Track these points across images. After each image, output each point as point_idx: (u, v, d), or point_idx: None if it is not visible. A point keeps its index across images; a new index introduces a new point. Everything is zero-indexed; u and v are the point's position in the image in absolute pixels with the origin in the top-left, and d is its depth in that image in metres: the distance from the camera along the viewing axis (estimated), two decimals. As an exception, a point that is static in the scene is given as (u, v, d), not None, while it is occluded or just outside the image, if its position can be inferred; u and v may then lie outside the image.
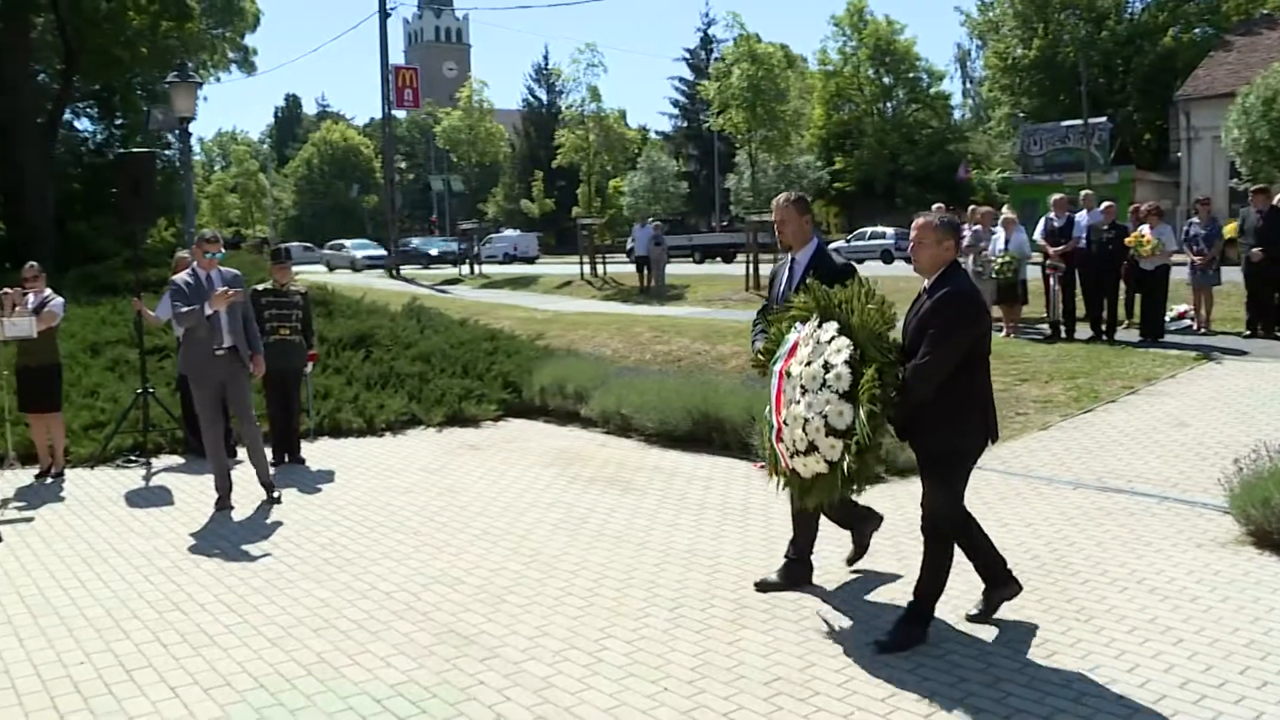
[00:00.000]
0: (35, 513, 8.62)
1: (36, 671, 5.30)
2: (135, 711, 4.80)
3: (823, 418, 5.18)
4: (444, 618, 5.88)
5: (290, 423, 10.27)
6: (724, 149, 54.56)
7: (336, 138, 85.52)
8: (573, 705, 4.72)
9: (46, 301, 9.92)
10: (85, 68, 27.63)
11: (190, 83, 15.64)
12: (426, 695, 4.88)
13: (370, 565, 6.88)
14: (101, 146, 32.00)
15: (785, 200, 6.33)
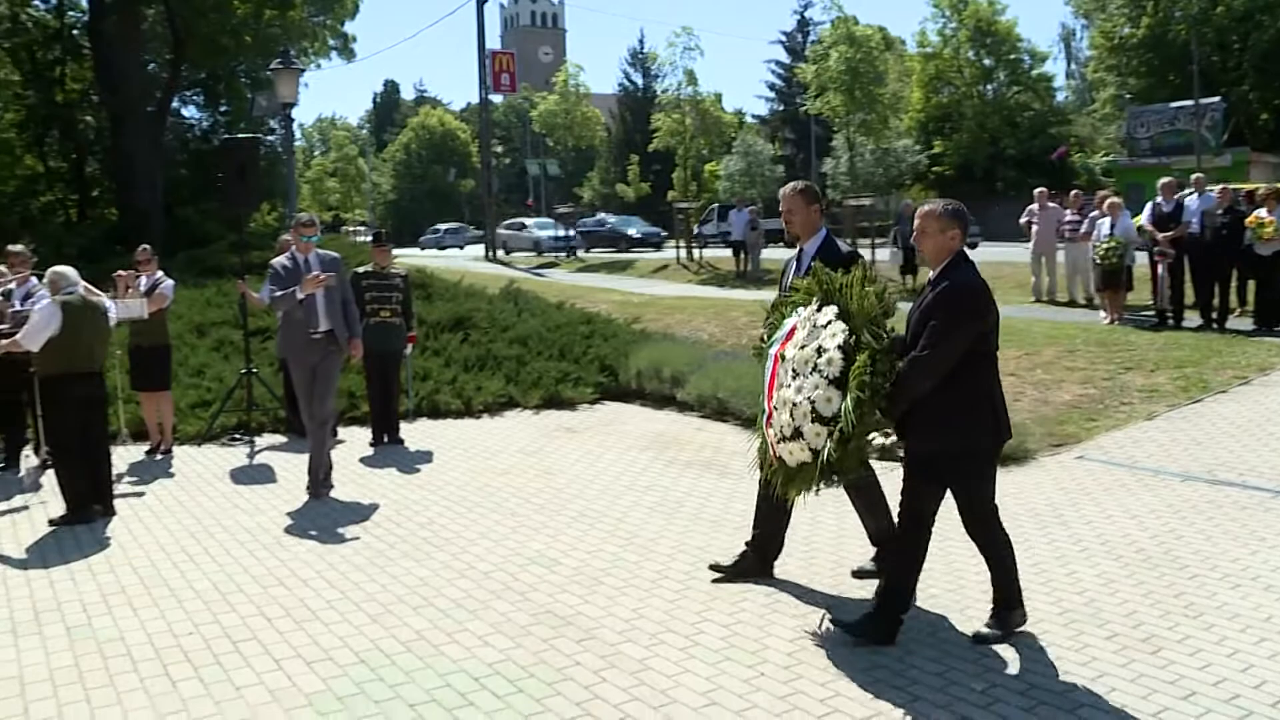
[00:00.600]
0: (146, 488, 8.89)
1: (149, 640, 5.49)
2: (241, 682, 4.93)
3: (810, 403, 5.04)
4: (541, 598, 5.93)
5: (390, 404, 10.43)
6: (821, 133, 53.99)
7: (434, 123, 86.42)
8: (669, 688, 4.72)
9: (158, 284, 10.19)
10: (192, 57, 28.33)
11: (293, 69, 15.90)
12: (523, 674, 4.92)
13: (468, 545, 6.96)
14: (207, 133, 32.82)
15: (793, 190, 6.18)
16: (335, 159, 79.98)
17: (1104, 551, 6.40)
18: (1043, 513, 7.31)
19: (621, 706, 4.57)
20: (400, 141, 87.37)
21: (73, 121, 30.50)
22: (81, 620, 5.79)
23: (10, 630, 5.67)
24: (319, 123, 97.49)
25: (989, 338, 5.03)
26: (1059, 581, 5.90)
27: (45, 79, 30.39)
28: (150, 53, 28.75)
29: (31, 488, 8.97)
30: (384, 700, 4.69)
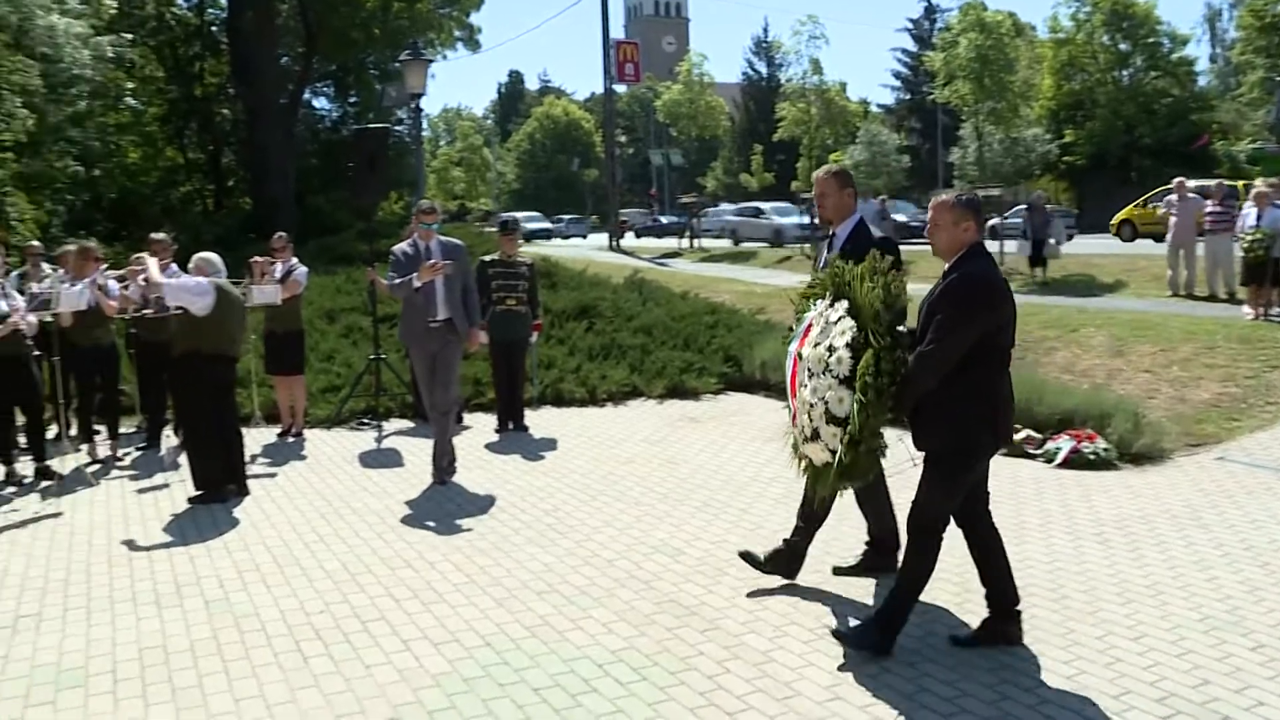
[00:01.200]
0: (278, 469, 9.13)
1: (282, 616, 5.63)
2: (370, 660, 5.02)
3: (824, 403, 4.91)
4: (665, 587, 5.92)
5: (515, 391, 10.53)
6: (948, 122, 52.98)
7: (558, 112, 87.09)
8: (792, 680, 4.68)
9: (292, 270, 10.45)
10: (324, 50, 29.01)
11: (422, 60, 16.17)
12: (647, 663, 4.92)
13: (592, 533, 6.99)
14: (336, 124, 33.55)
15: (826, 173, 6.02)
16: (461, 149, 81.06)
17: (1248, 557, 6.14)
18: (1180, 515, 7.05)
19: (745, 698, 4.53)
20: (524, 131, 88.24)
21: (210, 115, 31.50)
22: (219, 595, 5.97)
23: (154, 602, 5.89)
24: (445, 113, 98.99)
25: (1001, 333, 4.83)
26: (1198, 587, 5.68)
27: (186, 74, 31.43)
28: (284, 47, 29.51)
29: (171, 466, 9.29)
30: (509, 684, 4.73)
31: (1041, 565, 6.10)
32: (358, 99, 32.94)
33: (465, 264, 8.69)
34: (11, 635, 5.49)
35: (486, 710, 4.48)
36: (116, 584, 6.23)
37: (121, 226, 26.69)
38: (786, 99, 42.35)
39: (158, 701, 4.65)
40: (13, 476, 8.84)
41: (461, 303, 8.52)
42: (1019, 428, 8.94)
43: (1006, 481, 7.99)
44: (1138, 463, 8.41)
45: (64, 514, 7.88)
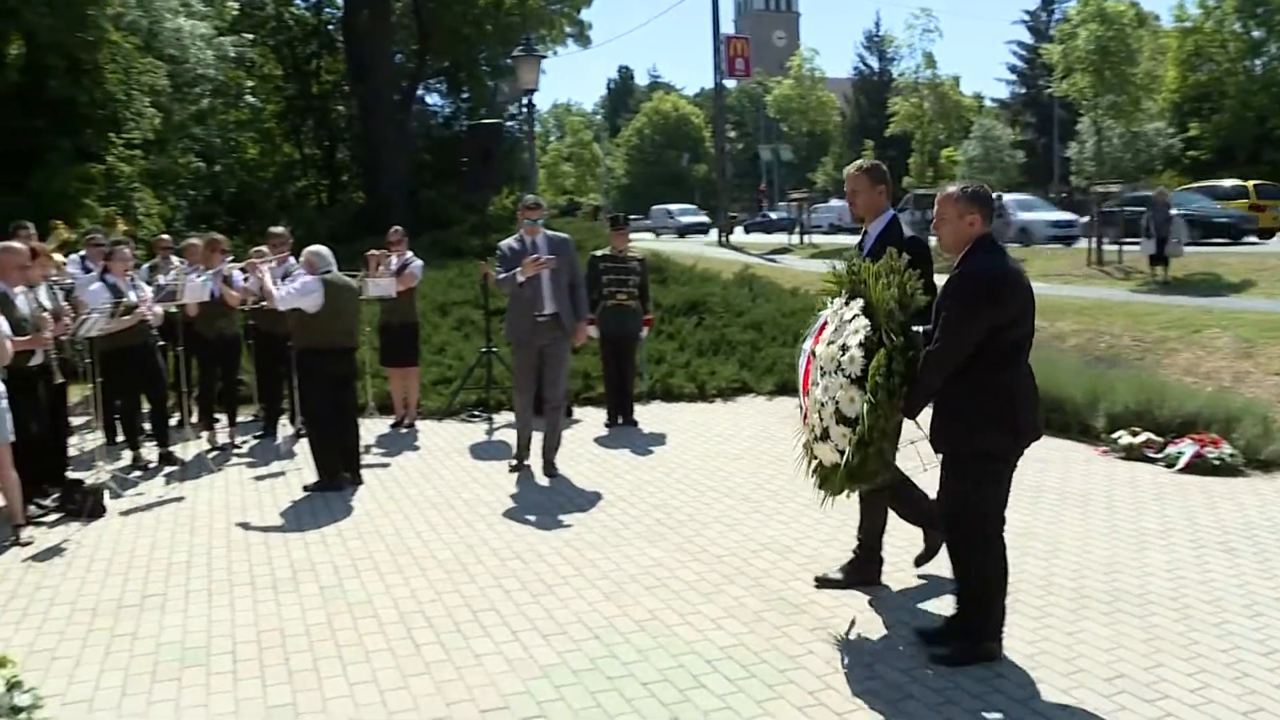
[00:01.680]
0: (392, 459, 9.29)
1: (395, 604, 5.72)
2: (480, 650, 5.07)
3: (834, 403, 4.81)
4: (774, 584, 5.88)
5: (625, 386, 10.56)
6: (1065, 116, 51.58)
7: (667, 108, 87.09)
8: (903, 683, 4.61)
9: (408, 264, 10.62)
10: (437, 47, 29.44)
11: (534, 56, 16.26)
12: (756, 660, 4.88)
13: (701, 528, 6.97)
14: (449, 120, 33.98)
15: (857, 169, 5.83)
16: (570, 144, 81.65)
17: None
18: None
19: (855, 698, 4.48)
20: (633, 126, 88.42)
21: (326, 111, 32.22)
22: (333, 581, 6.09)
23: (271, 586, 6.03)
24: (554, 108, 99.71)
25: (1013, 328, 4.62)
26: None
27: (303, 72, 32.20)
28: (398, 44, 30.02)
29: (287, 455, 9.52)
30: (617, 677, 4.74)
31: (1162, 574, 5.91)
32: (470, 95, 33.34)
33: (571, 258, 8.66)
34: (139, 613, 5.67)
35: (595, 703, 4.49)
36: (235, 568, 6.40)
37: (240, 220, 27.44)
38: (898, 94, 41.82)
39: (275, 682, 4.76)
40: (138, 461, 9.15)
41: (568, 297, 8.51)
42: (1137, 430, 8.72)
43: (1124, 486, 7.79)
44: (1267, 469, 8.12)
45: (186, 498, 8.12)
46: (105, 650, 5.20)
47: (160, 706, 4.57)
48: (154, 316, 8.95)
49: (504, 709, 4.45)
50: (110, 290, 8.61)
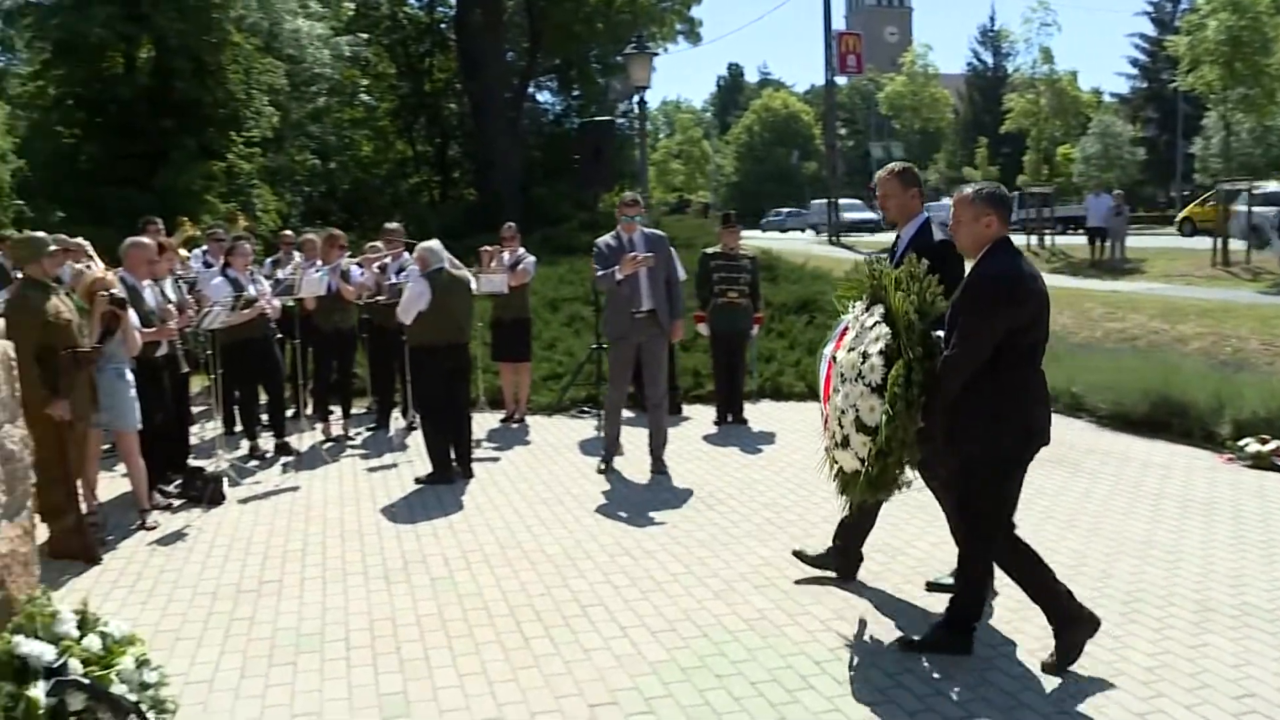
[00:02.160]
0: (502, 454, 9.38)
1: (504, 597, 5.77)
2: (589, 644, 5.09)
3: (854, 410, 4.74)
4: (885, 588, 5.80)
5: (735, 384, 10.52)
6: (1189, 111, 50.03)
7: (777, 105, 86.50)
8: (1016, 691, 4.51)
9: (520, 259, 10.71)
10: (548, 44, 29.67)
11: (646, 53, 16.27)
12: (866, 663, 4.82)
13: (811, 528, 6.90)
14: (560, 117, 34.23)
15: (889, 172, 5.70)
16: (680, 141, 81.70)
17: None
18: None
19: (966, 705, 4.40)
20: (743, 124, 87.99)
21: (438, 109, 32.69)
22: (444, 573, 6.17)
23: (383, 576, 6.13)
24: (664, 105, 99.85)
25: (1029, 331, 4.57)
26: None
27: (416, 71, 32.73)
28: (509, 42, 30.32)
29: (399, 447, 9.68)
30: (726, 675, 4.71)
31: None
32: (581, 92, 33.54)
33: (668, 256, 8.63)
34: (256, 598, 5.81)
35: (703, 700, 4.48)
36: (349, 557, 6.52)
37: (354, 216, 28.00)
38: (1014, 89, 40.99)
39: (387, 670, 4.83)
40: (256, 451, 9.38)
41: (666, 294, 8.48)
42: (1266, 438, 8.42)
43: (1252, 496, 7.52)
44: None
45: (301, 488, 8.30)
46: (224, 633, 5.34)
47: (276, 689, 4.67)
48: (272, 310, 9.17)
49: (612, 704, 4.46)
50: (231, 284, 8.84)
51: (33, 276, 6.60)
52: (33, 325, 6.20)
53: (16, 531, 4.24)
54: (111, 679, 3.89)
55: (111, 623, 4.17)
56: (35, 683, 3.67)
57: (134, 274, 7.68)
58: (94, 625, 4.08)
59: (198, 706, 4.50)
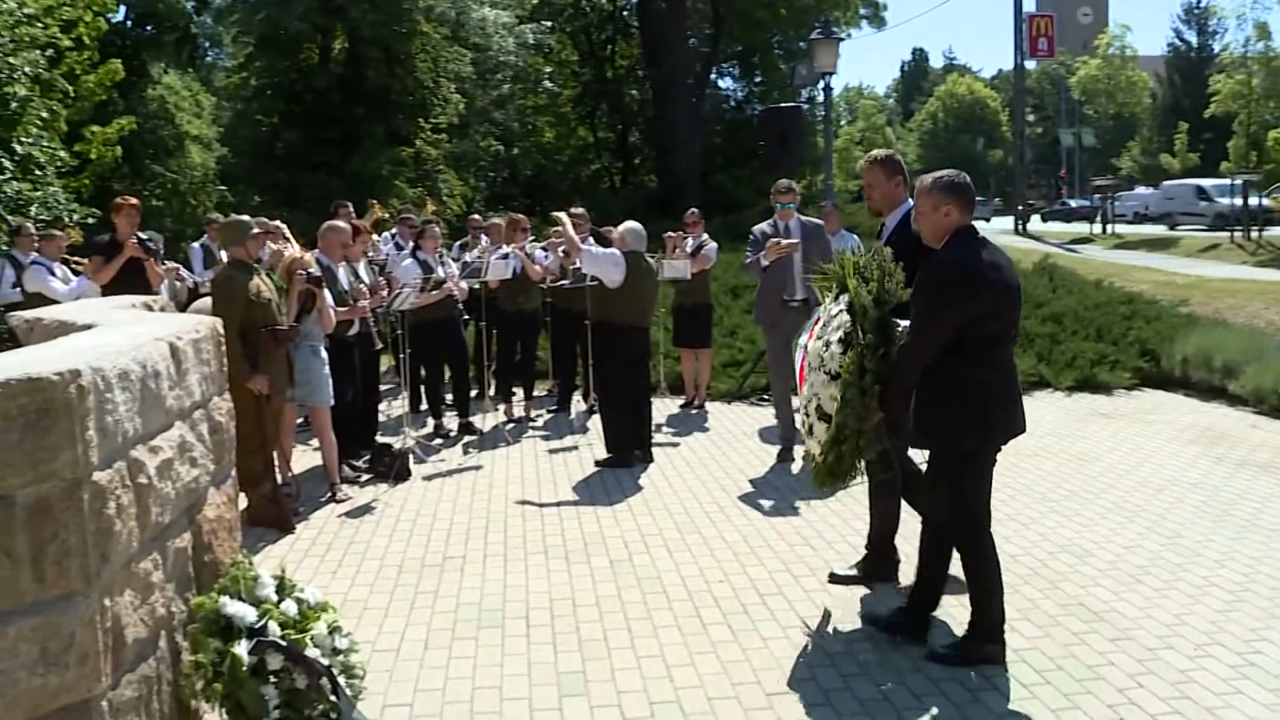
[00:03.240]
0: (681, 439, 9.41)
1: (683, 581, 5.79)
2: (767, 634, 5.07)
3: (817, 399, 4.81)
4: (1072, 589, 5.59)
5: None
6: None
7: (962, 90, 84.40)
8: (1216, 707, 4.27)
9: (703, 245, 10.71)
10: (730, 30, 29.59)
11: (832, 39, 16.09)
12: (1051, 666, 4.66)
13: (995, 525, 6.58)
14: (741, 104, 34.15)
15: (871, 160, 5.56)
16: (862, 128, 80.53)
17: None
18: None
19: (1160, 718, 4.20)
20: (927, 110, 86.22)
21: (620, 95, 32.98)
22: (623, 555, 6.22)
23: (563, 557, 6.22)
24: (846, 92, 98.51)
25: (990, 322, 4.49)
26: None
27: (598, 57, 33.11)
28: (691, 28, 30.38)
29: (580, 430, 9.80)
30: (905, 672, 4.64)
31: None
32: (763, 78, 33.40)
33: (825, 245, 8.48)
34: (440, 573, 5.97)
35: (880, 695, 4.41)
36: (530, 536, 6.63)
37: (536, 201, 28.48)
38: (1222, 70, 38.90)
39: (566, 649, 4.90)
40: (440, 429, 9.62)
41: None
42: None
43: None
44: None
45: (484, 467, 8.48)
46: (409, 605, 5.50)
47: (459, 662, 4.79)
48: (460, 292, 9.38)
49: (789, 694, 4.43)
50: (421, 266, 9.08)
51: (237, 258, 6.91)
52: (237, 304, 6.51)
53: (222, 498, 4.43)
54: (306, 642, 4.02)
55: (307, 589, 4.32)
56: (239, 641, 3.83)
57: (329, 255, 7.96)
58: (291, 591, 4.23)
59: (384, 674, 4.64)
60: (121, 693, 3.23)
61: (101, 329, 4.04)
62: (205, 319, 4.59)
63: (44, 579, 2.89)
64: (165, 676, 3.68)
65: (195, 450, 4.04)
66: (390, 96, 23.20)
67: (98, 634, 3.02)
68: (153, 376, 3.57)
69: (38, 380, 2.83)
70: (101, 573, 3.06)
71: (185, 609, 3.92)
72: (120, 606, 3.23)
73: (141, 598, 3.43)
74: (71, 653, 2.94)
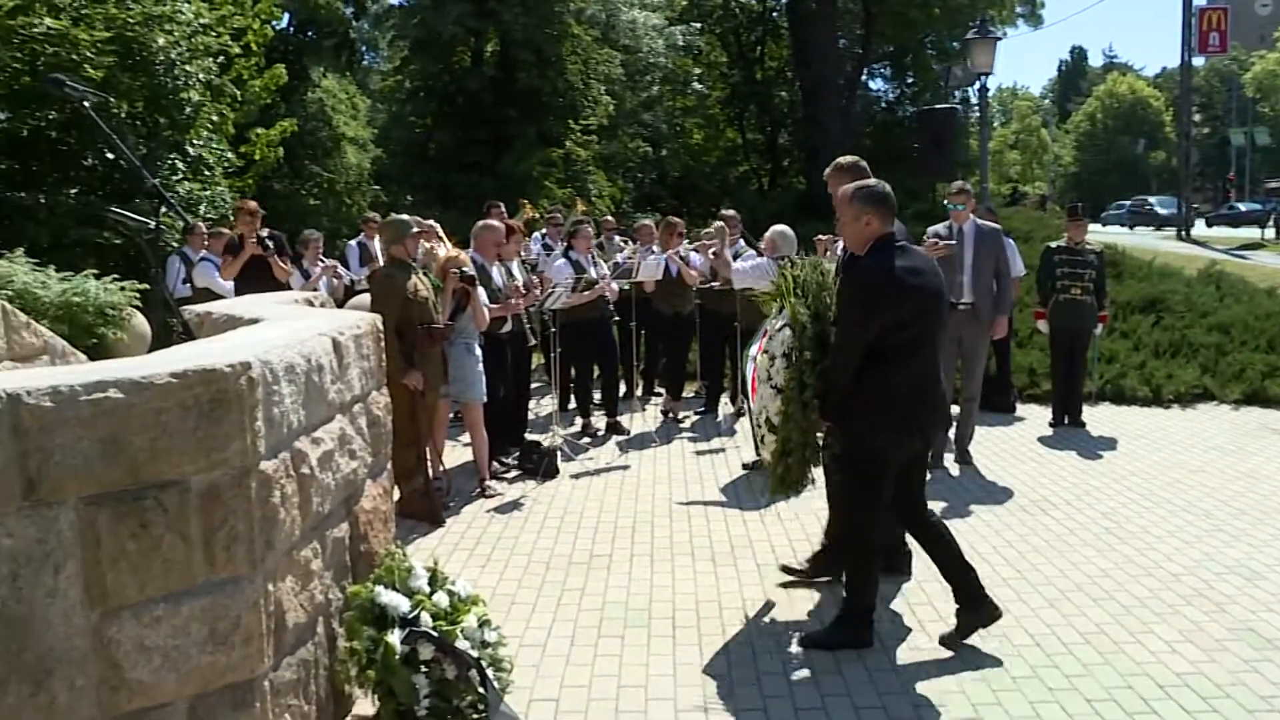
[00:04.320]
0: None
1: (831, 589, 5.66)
2: (915, 644, 4.97)
3: (765, 411, 4.91)
4: (1241, 613, 5.33)
5: (1074, 385, 10.00)
6: None
7: (1123, 90, 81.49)
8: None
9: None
10: (882, 30, 29.19)
11: (989, 38, 15.74)
12: (1218, 693, 4.45)
13: (1154, 542, 6.45)
14: (892, 105, 33.66)
15: (835, 167, 5.63)
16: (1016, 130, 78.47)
17: None
18: None
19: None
20: (1085, 111, 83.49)
21: (769, 97, 32.81)
22: (770, 560, 6.14)
23: (710, 559, 6.20)
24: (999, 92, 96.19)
25: (907, 328, 4.65)
26: None
27: (747, 59, 33.00)
28: (842, 29, 30.07)
29: (728, 432, 9.77)
30: (1059, 689, 4.48)
31: None
32: (915, 79, 32.86)
33: (999, 249, 8.35)
34: (587, 571, 6.01)
35: (1034, 713, 4.28)
36: (676, 538, 6.62)
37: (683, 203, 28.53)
38: None
39: (711, 652, 4.87)
40: (588, 428, 9.70)
41: (991, 288, 8.23)
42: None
43: None
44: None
45: (631, 467, 8.52)
46: (556, 601, 5.55)
47: (604, 660, 4.81)
48: (611, 293, 9.44)
49: (940, 707, 4.33)
50: (573, 266, 9.16)
51: (396, 256, 7.07)
52: (395, 301, 6.66)
53: (379, 490, 4.54)
54: (456, 634, 4.09)
55: (458, 582, 4.39)
56: (392, 630, 3.91)
57: (483, 254, 8.09)
58: (443, 583, 4.31)
59: (531, 669, 4.69)
60: (282, 674, 3.33)
61: (268, 323, 4.17)
62: (366, 315, 4.71)
63: (214, 562, 2.99)
64: (322, 661, 3.78)
65: (354, 443, 4.14)
66: (541, 98, 23.53)
67: (261, 617, 3.12)
68: (316, 370, 3.67)
69: (212, 371, 2.93)
70: (266, 559, 3.16)
71: (341, 597, 4.02)
72: (282, 592, 3.33)
73: (301, 584, 3.53)
74: (238, 634, 3.05)
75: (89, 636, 2.80)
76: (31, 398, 2.65)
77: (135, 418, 2.80)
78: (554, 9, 23.23)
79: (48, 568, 2.72)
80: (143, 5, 11.10)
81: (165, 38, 11.28)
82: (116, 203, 8.94)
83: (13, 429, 2.62)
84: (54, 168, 10.75)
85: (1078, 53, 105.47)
